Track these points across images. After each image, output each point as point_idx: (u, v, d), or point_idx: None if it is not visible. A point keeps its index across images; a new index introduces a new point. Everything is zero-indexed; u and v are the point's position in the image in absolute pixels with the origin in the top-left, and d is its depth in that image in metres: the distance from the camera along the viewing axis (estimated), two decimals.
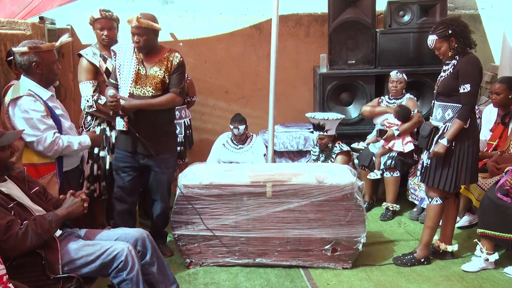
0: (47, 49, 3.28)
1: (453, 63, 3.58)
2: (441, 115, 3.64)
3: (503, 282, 3.57)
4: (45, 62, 3.26)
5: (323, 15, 5.80)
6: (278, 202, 3.67)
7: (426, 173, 3.73)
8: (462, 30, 3.51)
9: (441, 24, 3.58)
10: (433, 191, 3.72)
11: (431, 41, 3.59)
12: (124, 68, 3.74)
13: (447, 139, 3.53)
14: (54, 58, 3.36)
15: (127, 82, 3.72)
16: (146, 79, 3.73)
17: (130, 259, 2.71)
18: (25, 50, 3.20)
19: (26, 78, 3.28)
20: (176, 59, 3.78)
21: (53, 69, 3.34)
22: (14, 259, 2.56)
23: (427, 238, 3.82)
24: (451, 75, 3.56)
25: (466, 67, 3.50)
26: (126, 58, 3.75)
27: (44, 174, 3.29)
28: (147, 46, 3.69)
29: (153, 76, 3.73)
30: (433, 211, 3.76)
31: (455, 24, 3.52)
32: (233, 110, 5.56)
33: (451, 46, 3.55)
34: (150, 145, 3.75)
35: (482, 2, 6.17)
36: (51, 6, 5.08)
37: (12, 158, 2.69)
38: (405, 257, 3.86)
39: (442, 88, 3.63)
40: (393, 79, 4.96)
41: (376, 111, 5.05)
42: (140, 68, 3.73)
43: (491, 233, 3.67)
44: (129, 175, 3.89)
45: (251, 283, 3.60)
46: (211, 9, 5.93)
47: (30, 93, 3.22)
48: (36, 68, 3.24)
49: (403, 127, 4.79)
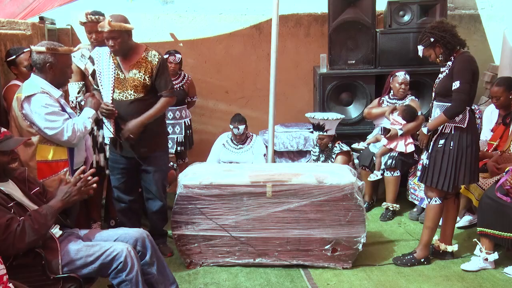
0: (64, 52, 3.32)
1: (449, 64, 3.61)
2: (439, 115, 3.64)
3: (503, 282, 3.57)
4: (60, 64, 3.29)
5: (323, 15, 5.81)
6: (278, 202, 3.67)
7: (424, 173, 3.74)
8: (443, 36, 3.54)
9: (424, 34, 3.66)
10: (432, 191, 3.73)
11: (420, 51, 3.69)
12: (103, 75, 3.71)
13: (427, 129, 3.66)
14: (69, 62, 3.40)
15: (108, 88, 3.68)
16: (125, 82, 3.65)
17: (129, 260, 2.71)
18: (43, 50, 3.23)
19: (37, 76, 3.30)
20: (155, 58, 3.66)
21: (65, 72, 3.37)
22: (14, 259, 2.55)
23: (427, 238, 3.82)
24: (448, 76, 3.58)
25: (458, 65, 3.52)
26: (104, 63, 3.71)
27: (57, 171, 3.31)
28: (123, 49, 3.60)
29: (133, 79, 3.64)
30: (432, 211, 3.76)
31: (435, 31, 3.57)
32: (233, 110, 5.56)
33: (438, 52, 3.61)
34: (142, 145, 3.73)
35: (482, 2, 6.17)
36: (51, 6, 5.09)
37: (13, 164, 2.68)
38: (405, 257, 3.86)
39: (440, 89, 3.64)
40: (401, 81, 4.94)
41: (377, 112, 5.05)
42: (118, 72, 3.67)
43: (490, 232, 3.67)
44: (123, 176, 3.91)
45: (251, 283, 3.61)
46: (211, 9, 5.94)
47: (44, 90, 3.25)
48: (50, 69, 3.27)
49: (407, 127, 4.79)
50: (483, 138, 4.78)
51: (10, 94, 3.71)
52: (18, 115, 3.26)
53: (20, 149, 3.23)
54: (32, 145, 3.25)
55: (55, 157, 3.32)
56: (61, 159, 3.34)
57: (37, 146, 3.27)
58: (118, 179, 3.92)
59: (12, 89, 3.76)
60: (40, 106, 3.21)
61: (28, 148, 3.26)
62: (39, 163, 3.27)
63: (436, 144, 3.65)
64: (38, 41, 4.65)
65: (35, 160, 3.26)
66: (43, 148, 3.29)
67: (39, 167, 3.27)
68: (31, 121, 3.23)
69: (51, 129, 3.23)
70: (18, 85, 3.78)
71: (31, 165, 3.24)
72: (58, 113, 3.26)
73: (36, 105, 3.21)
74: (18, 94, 3.28)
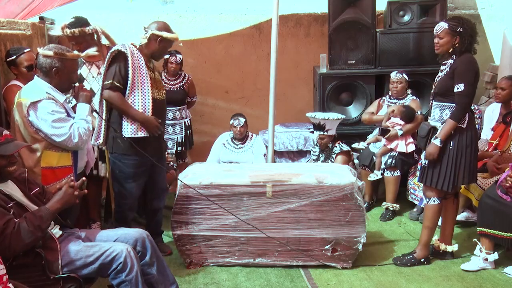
0: (71, 58, 3.25)
1: (450, 62, 3.59)
2: (439, 115, 3.64)
3: (503, 282, 3.57)
4: (66, 70, 3.22)
5: (323, 15, 5.81)
6: (278, 202, 3.67)
7: (423, 173, 3.73)
8: (471, 35, 3.51)
9: (456, 19, 3.57)
10: (431, 191, 3.72)
11: (440, 27, 3.54)
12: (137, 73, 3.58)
13: (439, 140, 3.54)
14: (75, 67, 3.34)
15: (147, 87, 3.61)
16: (157, 82, 3.78)
17: (129, 260, 2.71)
18: (50, 54, 3.17)
19: (41, 80, 3.24)
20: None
21: (71, 78, 3.30)
22: (14, 259, 2.55)
23: (426, 238, 3.82)
24: (448, 75, 3.56)
25: (461, 67, 3.50)
26: (138, 61, 3.60)
27: (61, 177, 3.27)
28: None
29: (159, 79, 3.83)
30: (431, 211, 3.76)
31: (468, 26, 3.51)
32: (233, 110, 5.57)
33: (453, 43, 3.53)
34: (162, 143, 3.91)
35: (482, 2, 6.17)
36: (51, 6, 5.08)
37: (10, 168, 2.65)
38: (405, 257, 3.86)
39: (439, 88, 3.63)
40: (393, 79, 4.96)
41: (374, 119, 5.07)
42: (150, 72, 3.66)
43: (490, 232, 3.67)
44: (144, 178, 3.78)
45: (251, 283, 3.61)
46: (211, 9, 5.94)
47: (49, 96, 3.19)
48: (56, 74, 3.20)
49: (407, 128, 4.79)
50: (484, 137, 4.79)
51: (10, 94, 3.70)
52: (22, 121, 3.20)
53: (25, 155, 3.22)
54: (37, 151, 3.21)
55: (60, 163, 3.28)
56: (66, 165, 3.30)
57: (43, 152, 3.22)
58: (140, 185, 3.77)
59: (12, 90, 3.74)
60: (46, 113, 3.15)
61: (33, 154, 3.22)
62: (44, 169, 3.22)
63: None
64: (38, 41, 4.65)
65: (40, 167, 3.22)
66: (48, 155, 3.24)
67: (44, 173, 3.22)
68: (37, 128, 3.18)
69: (58, 136, 3.19)
70: (17, 85, 3.77)
71: (35, 171, 3.20)
72: (64, 119, 3.21)
73: (43, 112, 3.15)
74: (20, 99, 3.22)
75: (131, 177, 3.70)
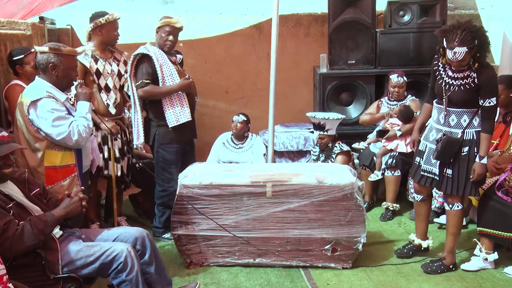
0: (67, 53, 3.25)
1: (472, 76, 3.42)
2: (455, 121, 3.54)
3: (503, 282, 3.57)
4: (63, 65, 3.22)
5: (323, 15, 5.81)
6: (278, 202, 3.67)
7: (446, 183, 3.62)
8: (487, 42, 3.38)
9: (467, 35, 3.27)
10: (454, 197, 3.65)
11: (461, 53, 3.28)
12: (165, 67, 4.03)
13: (486, 158, 3.47)
14: (73, 64, 3.32)
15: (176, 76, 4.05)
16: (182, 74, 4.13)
17: (129, 260, 2.71)
18: (45, 50, 3.19)
19: (41, 79, 3.24)
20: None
21: (69, 74, 3.28)
22: (14, 259, 2.55)
23: (451, 245, 3.72)
24: (472, 89, 3.42)
25: (490, 82, 3.42)
26: (162, 57, 4.03)
27: (65, 176, 3.28)
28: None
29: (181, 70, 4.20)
30: (456, 216, 3.67)
31: (480, 34, 3.33)
32: (233, 111, 5.57)
33: (474, 56, 3.37)
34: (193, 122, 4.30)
35: (482, 2, 6.17)
36: (51, 6, 5.09)
37: (6, 170, 2.64)
38: (434, 264, 3.76)
39: (458, 99, 3.48)
40: (394, 84, 4.94)
41: (376, 117, 5.06)
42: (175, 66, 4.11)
43: (490, 232, 3.67)
44: (181, 163, 4.17)
45: (251, 283, 3.60)
46: (211, 9, 5.94)
47: (49, 94, 3.19)
48: (53, 70, 3.20)
49: (405, 128, 4.79)
50: None
51: (13, 93, 3.70)
52: (23, 121, 3.20)
53: (28, 156, 3.22)
54: (38, 151, 3.21)
55: (63, 162, 3.27)
56: (69, 164, 3.30)
57: (45, 151, 3.22)
58: (180, 169, 4.05)
59: (14, 89, 3.74)
60: (46, 111, 3.15)
61: (35, 153, 3.22)
62: (47, 169, 3.22)
63: (460, 153, 3.55)
64: (38, 41, 4.66)
65: (43, 166, 3.22)
66: (51, 154, 3.24)
67: (47, 173, 3.23)
68: (37, 127, 3.18)
69: (58, 135, 3.19)
70: (19, 84, 3.78)
71: (39, 171, 3.20)
72: (64, 117, 3.21)
73: (42, 110, 3.15)
74: (22, 99, 3.23)
75: (174, 162, 4.15)
